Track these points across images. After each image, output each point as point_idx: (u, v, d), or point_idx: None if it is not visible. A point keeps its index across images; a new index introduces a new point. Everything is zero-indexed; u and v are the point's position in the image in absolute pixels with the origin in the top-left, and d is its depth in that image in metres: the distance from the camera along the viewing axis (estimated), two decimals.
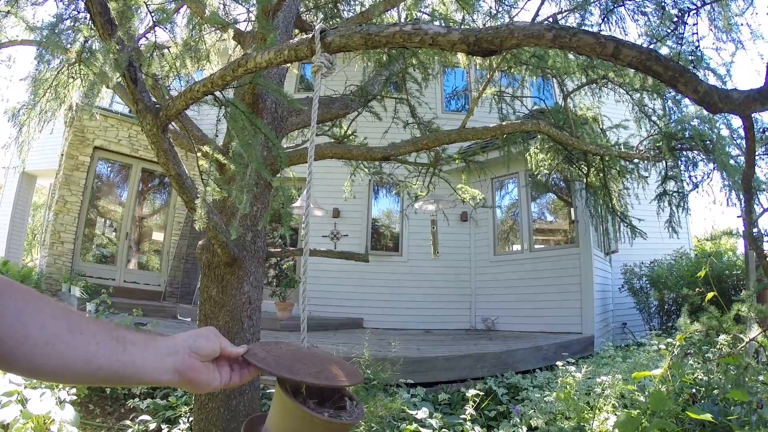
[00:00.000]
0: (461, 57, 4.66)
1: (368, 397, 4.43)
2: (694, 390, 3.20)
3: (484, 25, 5.22)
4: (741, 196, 4.29)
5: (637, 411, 3.05)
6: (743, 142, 2.99)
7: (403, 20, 5.59)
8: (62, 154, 11.33)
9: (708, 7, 3.83)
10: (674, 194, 5.43)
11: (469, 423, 3.92)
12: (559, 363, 4.80)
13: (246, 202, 2.67)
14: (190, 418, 4.09)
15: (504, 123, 4.78)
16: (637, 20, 4.23)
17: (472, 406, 4.07)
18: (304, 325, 0.89)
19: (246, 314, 3.33)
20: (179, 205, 11.93)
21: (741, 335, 2.96)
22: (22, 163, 5.87)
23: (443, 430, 3.88)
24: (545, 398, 4.10)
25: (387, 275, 10.43)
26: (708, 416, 2.67)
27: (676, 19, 3.78)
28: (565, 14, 4.58)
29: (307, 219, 1.06)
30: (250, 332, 3.34)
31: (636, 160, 5.40)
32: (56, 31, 3.71)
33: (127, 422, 4.42)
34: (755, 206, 3.02)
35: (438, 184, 5.83)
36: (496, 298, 10.10)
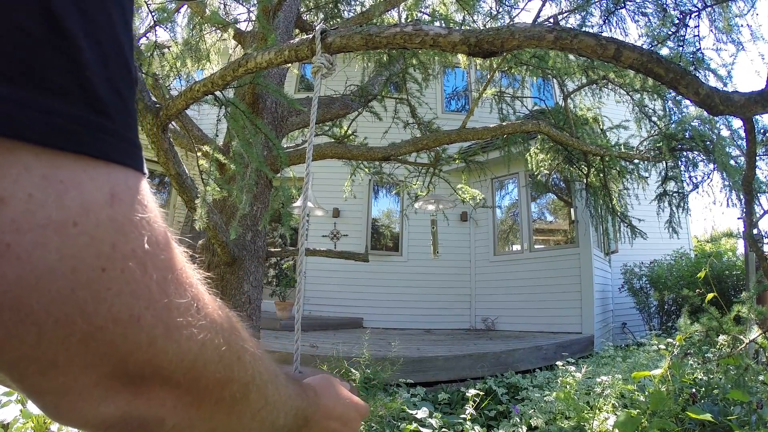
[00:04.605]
0: (461, 57, 4.66)
1: (368, 396, 4.44)
2: (694, 390, 3.20)
3: (485, 25, 5.22)
4: (741, 197, 4.29)
5: (637, 411, 3.05)
6: (744, 142, 3.00)
7: (403, 21, 5.60)
8: None
9: (709, 8, 3.83)
10: (674, 195, 5.44)
11: (469, 422, 3.92)
12: (559, 363, 4.80)
13: (246, 202, 2.67)
14: None
15: (504, 123, 4.78)
16: (638, 21, 4.23)
17: (472, 405, 4.07)
18: (298, 325, 0.90)
19: (246, 314, 3.33)
20: (179, 205, 11.92)
21: (741, 336, 2.96)
22: None
23: (443, 429, 3.88)
24: (545, 398, 4.10)
25: (387, 275, 10.43)
26: (708, 416, 2.67)
27: (677, 21, 3.79)
28: (565, 15, 4.59)
29: (303, 219, 1.07)
30: (249, 332, 3.33)
31: (636, 161, 5.41)
32: None
33: None
34: (755, 207, 3.02)
35: (438, 184, 5.83)
36: (496, 297, 10.09)
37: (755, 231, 2.32)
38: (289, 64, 2.79)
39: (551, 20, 4.44)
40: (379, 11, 4.93)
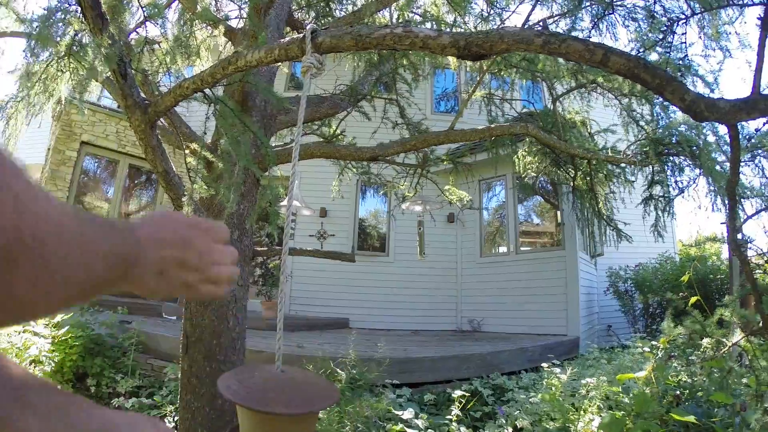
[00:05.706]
0: (452, 59, 4.68)
1: (354, 397, 4.43)
2: (678, 392, 3.24)
3: (476, 27, 5.24)
4: (726, 202, 4.34)
5: (622, 412, 3.07)
6: (729, 148, 3.03)
7: (395, 20, 5.60)
8: (49, 149, 11.17)
9: (698, 15, 3.86)
10: (660, 199, 5.47)
11: (455, 423, 3.93)
12: (544, 364, 4.83)
13: (233, 200, 2.66)
14: (176, 418, 4.07)
15: (493, 125, 4.80)
16: (628, 26, 4.26)
17: (458, 406, 4.09)
18: (280, 325, 0.92)
19: (231, 313, 3.31)
20: (166, 202, 11.82)
21: (724, 339, 2.99)
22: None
23: (429, 430, 3.88)
24: (530, 399, 4.12)
25: (373, 275, 10.43)
26: (692, 418, 2.70)
27: (665, 27, 3.82)
28: (556, 19, 4.61)
29: (288, 219, 1.07)
30: (235, 331, 3.32)
31: (623, 165, 5.44)
32: (48, 23, 3.65)
33: None
34: (739, 213, 3.06)
35: (425, 185, 5.84)
36: (482, 299, 10.12)
37: (738, 236, 2.34)
38: (280, 63, 2.79)
39: (541, 23, 4.47)
40: (371, 11, 4.93)
